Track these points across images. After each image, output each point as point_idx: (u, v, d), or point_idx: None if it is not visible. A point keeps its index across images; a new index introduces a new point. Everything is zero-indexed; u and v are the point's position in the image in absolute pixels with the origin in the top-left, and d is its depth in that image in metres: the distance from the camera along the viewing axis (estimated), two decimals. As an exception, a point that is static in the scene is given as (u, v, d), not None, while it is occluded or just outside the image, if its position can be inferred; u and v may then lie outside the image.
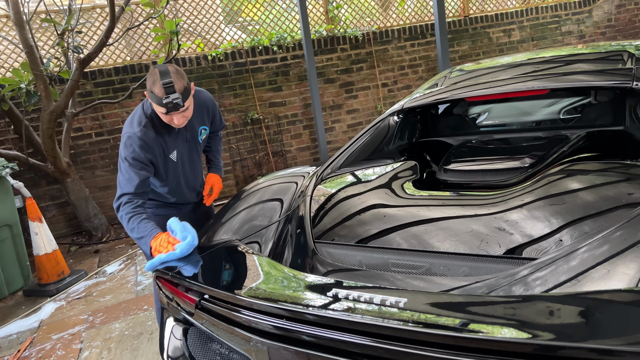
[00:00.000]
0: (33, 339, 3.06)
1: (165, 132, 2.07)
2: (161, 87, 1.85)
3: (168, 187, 2.23)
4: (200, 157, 2.34)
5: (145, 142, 1.98)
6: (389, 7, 6.44)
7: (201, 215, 2.43)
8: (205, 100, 2.25)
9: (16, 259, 3.87)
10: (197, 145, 2.26)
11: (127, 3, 4.40)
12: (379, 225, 1.54)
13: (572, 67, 2.10)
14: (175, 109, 1.89)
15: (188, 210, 2.41)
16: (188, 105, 1.95)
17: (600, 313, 0.95)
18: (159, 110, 1.93)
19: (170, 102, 1.86)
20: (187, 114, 1.99)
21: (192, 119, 2.17)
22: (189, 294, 1.47)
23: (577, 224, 1.28)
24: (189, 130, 2.17)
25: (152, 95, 1.89)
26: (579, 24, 7.06)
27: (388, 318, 1.04)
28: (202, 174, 2.42)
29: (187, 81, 1.95)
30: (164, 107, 1.88)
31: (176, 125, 1.99)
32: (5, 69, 4.89)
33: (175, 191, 2.28)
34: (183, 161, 2.21)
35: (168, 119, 1.96)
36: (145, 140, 1.98)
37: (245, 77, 5.67)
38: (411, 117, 2.45)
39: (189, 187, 2.33)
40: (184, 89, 1.90)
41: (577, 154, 1.72)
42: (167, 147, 2.09)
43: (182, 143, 2.17)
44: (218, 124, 2.43)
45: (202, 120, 2.24)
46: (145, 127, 2.01)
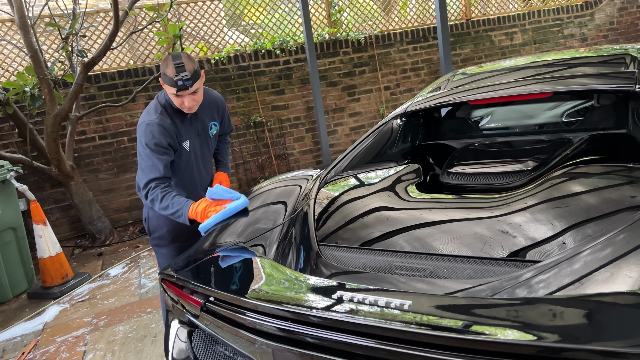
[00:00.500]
0: (37, 341, 3.07)
1: (178, 120, 2.16)
2: (173, 67, 1.98)
3: (180, 180, 2.28)
4: (211, 154, 2.42)
5: (163, 127, 2.09)
6: (391, 11, 6.46)
7: None
8: (215, 98, 2.36)
9: (20, 262, 3.88)
10: (208, 140, 2.33)
11: (130, 7, 4.42)
12: (383, 228, 1.55)
13: (575, 71, 2.11)
14: (185, 87, 1.99)
15: None
16: (197, 87, 2.04)
17: (604, 315, 0.96)
18: (171, 92, 2.03)
19: (181, 79, 1.97)
20: (197, 97, 2.08)
21: (202, 113, 2.26)
22: (194, 297, 1.48)
23: (581, 226, 1.28)
24: (200, 122, 2.25)
25: (165, 77, 2.01)
26: (581, 27, 7.06)
27: (392, 320, 1.05)
28: (212, 172, 2.48)
29: (198, 66, 2.05)
30: (175, 86, 1.99)
31: (187, 108, 2.08)
32: (10, 72, 4.92)
33: (187, 186, 2.31)
34: (195, 154, 2.27)
35: (179, 102, 2.06)
36: (163, 125, 2.09)
37: (248, 81, 5.68)
38: (414, 120, 2.46)
39: (201, 183, 2.37)
40: (194, 70, 2.01)
41: (580, 157, 1.72)
42: (180, 136, 2.17)
43: (194, 135, 2.24)
44: (227, 126, 2.50)
45: (212, 116, 2.33)
46: (162, 114, 2.12)
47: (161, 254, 2.39)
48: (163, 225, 2.30)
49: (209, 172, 2.42)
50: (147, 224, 2.36)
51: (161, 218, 2.28)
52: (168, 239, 2.33)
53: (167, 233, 2.31)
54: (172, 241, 2.33)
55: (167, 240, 2.33)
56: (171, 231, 2.30)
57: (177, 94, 2.02)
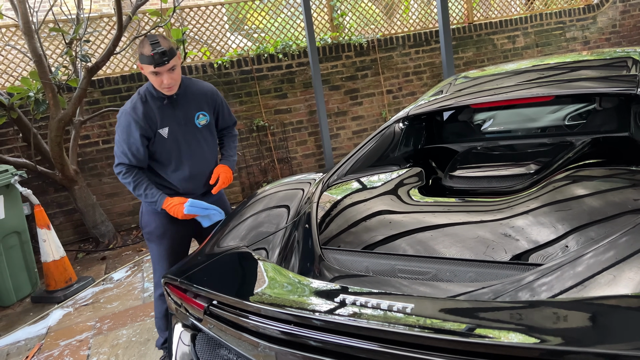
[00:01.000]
0: (41, 345, 3.08)
1: (156, 107, 2.22)
2: (149, 45, 2.06)
3: (169, 170, 2.30)
4: (209, 145, 2.40)
5: (133, 115, 2.18)
6: (393, 15, 6.47)
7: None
8: (204, 88, 2.38)
9: (24, 266, 3.90)
10: (195, 130, 2.32)
11: (134, 12, 4.45)
12: (385, 232, 1.55)
13: (577, 74, 2.11)
14: (163, 62, 2.05)
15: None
16: (175, 64, 2.12)
17: (607, 318, 0.96)
18: (149, 70, 2.09)
19: (157, 52, 2.03)
20: (175, 76, 2.14)
21: (185, 102, 2.29)
22: (198, 300, 1.49)
23: (583, 230, 1.28)
24: (182, 110, 2.27)
25: (142, 57, 2.07)
26: (583, 30, 7.06)
27: (395, 323, 1.05)
28: (214, 165, 2.45)
29: (173, 47, 2.14)
30: (152, 62, 2.05)
31: (166, 88, 2.14)
32: (14, 77, 4.95)
33: (180, 177, 2.32)
34: (177, 142, 2.27)
35: (159, 82, 2.12)
36: (133, 113, 2.19)
37: (251, 85, 5.70)
38: (416, 124, 2.46)
39: (196, 175, 2.36)
40: (169, 47, 2.09)
41: (582, 160, 1.73)
42: (157, 122, 2.22)
43: (175, 123, 2.26)
44: (227, 118, 2.51)
45: (199, 106, 2.33)
46: (135, 102, 2.21)
47: (151, 248, 2.46)
48: (152, 222, 2.37)
49: (208, 165, 2.40)
50: (140, 218, 2.45)
51: (152, 214, 2.35)
52: (156, 234, 2.38)
53: (156, 229, 2.37)
54: (160, 237, 2.39)
55: (154, 235, 2.39)
56: (159, 227, 2.36)
57: (155, 69, 2.06)
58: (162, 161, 2.30)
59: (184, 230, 2.41)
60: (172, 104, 2.26)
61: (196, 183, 2.38)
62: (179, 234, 2.41)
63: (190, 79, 2.38)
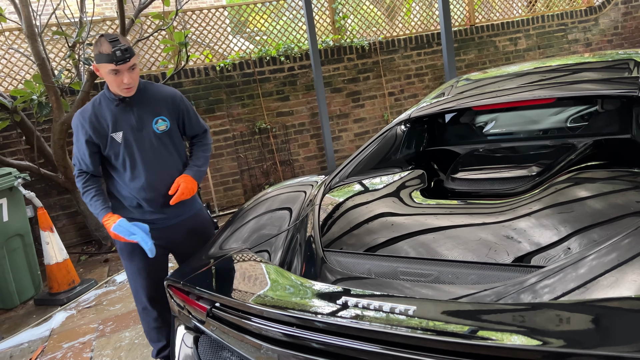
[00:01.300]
0: (44, 347, 3.08)
1: (109, 110, 2.12)
2: (108, 43, 1.96)
3: (126, 178, 2.15)
4: (169, 153, 2.21)
5: (80, 118, 2.10)
6: (395, 17, 6.48)
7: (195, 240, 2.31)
8: (164, 92, 2.24)
9: (27, 268, 3.91)
10: (153, 136, 2.16)
11: (136, 15, 4.46)
12: (388, 234, 1.55)
13: (579, 76, 2.11)
14: (124, 59, 1.96)
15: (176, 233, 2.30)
16: (135, 63, 2.03)
17: (609, 320, 0.96)
18: (108, 69, 1.98)
19: (119, 49, 1.95)
20: (135, 76, 2.05)
21: (142, 106, 2.15)
22: (200, 302, 1.49)
23: (585, 231, 1.28)
24: (136, 115, 2.13)
25: (101, 56, 1.97)
26: (585, 32, 7.06)
27: (397, 325, 1.05)
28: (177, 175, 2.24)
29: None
30: (113, 59, 1.95)
31: (126, 89, 2.05)
32: (18, 80, 4.97)
33: (137, 186, 2.15)
34: (130, 147, 2.12)
35: (118, 82, 2.02)
36: (80, 116, 2.10)
37: (253, 87, 5.71)
38: (418, 126, 2.47)
39: (153, 185, 2.16)
40: (129, 45, 2.01)
41: (584, 162, 1.73)
42: (108, 126, 2.11)
43: (129, 127, 2.12)
44: (195, 126, 2.34)
45: (157, 111, 2.19)
46: (87, 105, 2.14)
47: (124, 265, 2.34)
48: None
49: (170, 174, 2.20)
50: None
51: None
52: (126, 250, 2.24)
53: (125, 245, 2.22)
54: (130, 254, 2.25)
55: (125, 252, 2.26)
56: (128, 243, 2.17)
57: (116, 67, 1.96)
58: (118, 168, 2.16)
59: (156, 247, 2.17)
60: (126, 107, 2.13)
61: (154, 193, 2.18)
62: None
63: (151, 83, 2.24)
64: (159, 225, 2.24)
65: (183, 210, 2.30)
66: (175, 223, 2.29)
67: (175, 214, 2.28)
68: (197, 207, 2.39)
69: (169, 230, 2.28)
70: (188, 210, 2.33)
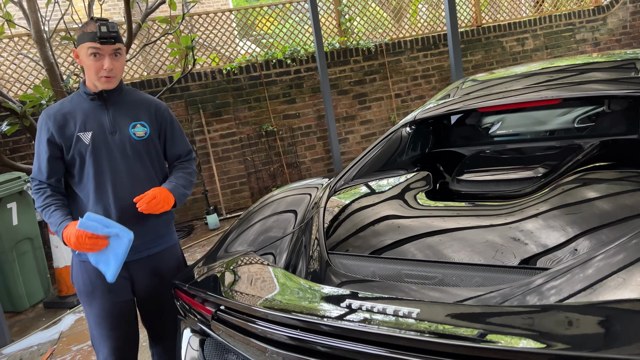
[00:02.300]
0: (53, 350, 3.10)
1: (80, 106, 1.79)
2: (94, 23, 1.71)
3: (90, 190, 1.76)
4: (143, 164, 1.85)
5: (44, 116, 1.78)
6: (402, 19, 6.48)
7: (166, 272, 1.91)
8: (148, 99, 1.94)
9: (37, 272, 3.94)
10: (128, 142, 1.81)
11: (144, 19, 4.49)
12: (393, 236, 1.55)
13: (586, 76, 2.09)
14: (108, 36, 1.69)
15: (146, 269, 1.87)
16: (120, 47, 1.74)
17: (617, 322, 0.95)
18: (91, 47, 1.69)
19: (105, 25, 1.69)
20: (118, 64, 1.76)
21: (120, 106, 1.84)
22: (206, 305, 1.49)
23: (592, 233, 1.27)
24: (111, 117, 1.80)
25: (84, 35, 1.70)
26: (593, 31, 7.01)
27: (402, 328, 1.05)
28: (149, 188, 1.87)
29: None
30: (97, 36, 1.68)
31: (106, 74, 1.72)
32: (27, 85, 5.03)
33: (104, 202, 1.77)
34: (101, 152, 1.77)
35: (98, 67, 1.72)
36: (46, 112, 1.78)
37: (260, 90, 5.73)
38: (424, 128, 2.46)
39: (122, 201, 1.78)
40: (117, 29, 1.75)
41: (591, 163, 1.71)
42: (76, 124, 1.77)
43: (100, 128, 1.78)
44: (179, 143, 1.98)
45: (136, 115, 1.86)
46: (66, 99, 1.83)
47: (85, 312, 1.87)
48: (79, 277, 1.83)
49: (144, 189, 1.80)
50: (72, 272, 1.88)
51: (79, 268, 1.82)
52: (84, 292, 1.83)
53: (84, 286, 1.82)
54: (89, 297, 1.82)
55: (83, 294, 1.83)
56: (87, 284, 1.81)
57: (99, 46, 1.68)
58: (82, 179, 1.77)
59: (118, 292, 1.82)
60: (101, 105, 1.80)
61: (121, 213, 1.77)
62: (110, 296, 1.81)
63: (135, 90, 1.94)
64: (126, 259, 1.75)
65: (156, 242, 1.89)
66: (142, 258, 1.85)
67: (146, 245, 1.85)
68: (174, 239, 1.98)
69: (135, 266, 1.84)
70: (163, 242, 1.91)
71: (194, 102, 5.50)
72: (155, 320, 1.97)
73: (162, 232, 1.90)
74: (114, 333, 1.84)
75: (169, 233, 1.95)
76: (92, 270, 1.77)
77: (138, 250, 1.82)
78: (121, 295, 1.84)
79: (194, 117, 5.52)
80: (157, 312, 1.94)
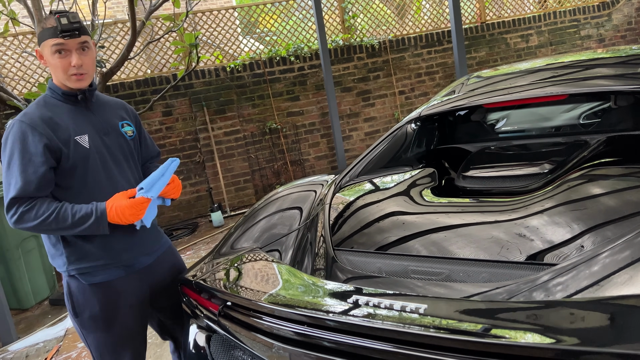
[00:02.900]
0: (59, 347, 3.12)
1: (67, 110, 1.62)
2: (53, 17, 1.52)
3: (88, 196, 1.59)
4: (135, 166, 1.78)
5: (29, 122, 1.53)
6: (405, 15, 6.46)
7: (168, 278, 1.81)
8: (116, 99, 1.85)
9: (42, 269, 3.96)
10: (123, 141, 1.72)
11: (147, 17, 4.50)
12: (398, 233, 1.55)
13: (592, 72, 2.08)
14: (71, 27, 1.51)
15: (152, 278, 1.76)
16: (87, 40, 1.56)
17: (623, 318, 0.95)
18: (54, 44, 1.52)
19: (65, 17, 1.51)
20: (87, 59, 1.58)
21: (103, 110, 1.72)
22: (212, 301, 1.50)
23: (598, 229, 1.27)
24: (100, 117, 1.68)
25: (44, 32, 1.53)
26: (598, 27, 6.98)
27: (408, 324, 1.05)
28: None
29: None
30: (59, 30, 1.50)
31: (75, 71, 1.55)
32: (31, 84, 5.04)
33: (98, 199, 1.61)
34: (101, 154, 1.63)
35: (65, 64, 1.54)
36: (25, 118, 1.54)
37: (263, 88, 5.73)
38: (429, 125, 2.46)
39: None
40: (81, 21, 1.56)
41: (597, 159, 1.71)
42: (67, 128, 1.58)
43: (94, 130, 1.64)
44: (150, 145, 1.90)
45: (119, 115, 1.76)
46: (26, 110, 1.57)
47: (94, 341, 1.68)
48: (92, 303, 1.62)
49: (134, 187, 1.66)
50: (70, 301, 1.65)
51: (89, 292, 1.62)
52: (102, 319, 1.63)
53: (101, 312, 1.62)
54: (111, 323, 1.65)
55: (100, 321, 1.64)
56: (105, 309, 1.63)
57: (62, 40, 1.51)
58: (84, 184, 1.59)
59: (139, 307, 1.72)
60: (84, 107, 1.65)
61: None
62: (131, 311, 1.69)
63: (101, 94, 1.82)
64: (136, 267, 1.70)
65: (161, 240, 1.82)
66: (154, 261, 1.76)
67: (153, 247, 1.76)
68: (169, 241, 1.89)
69: (149, 272, 1.74)
70: (165, 241, 1.85)
71: (197, 100, 5.51)
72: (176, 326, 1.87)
73: (161, 231, 1.86)
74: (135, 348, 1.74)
75: (163, 233, 1.88)
76: (110, 291, 1.63)
77: (149, 252, 1.74)
78: (145, 308, 1.76)
79: (198, 114, 5.53)
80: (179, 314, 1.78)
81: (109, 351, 1.69)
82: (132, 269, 1.69)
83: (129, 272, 1.68)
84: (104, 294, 1.63)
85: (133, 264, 1.69)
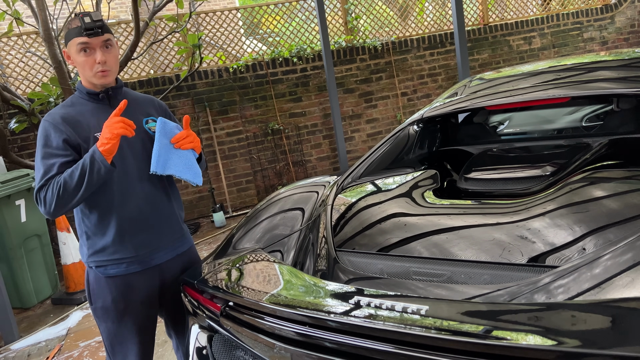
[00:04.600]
0: (61, 346, 3.13)
1: (87, 107, 1.71)
2: (78, 18, 1.62)
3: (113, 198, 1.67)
4: None
5: (49, 120, 1.65)
6: (408, 17, 6.46)
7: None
8: (145, 95, 1.90)
9: (45, 268, 3.97)
10: (147, 138, 1.75)
11: (151, 18, 4.51)
12: (400, 234, 1.55)
13: (594, 75, 2.08)
14: (95, 26, 1.60)
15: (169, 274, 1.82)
16: (110, 38, 1.66)
17: (625, 321, 0.95)
18: (77, 48, 1.62)
19: (89, 16, 1.60)
20: (111, 57, 1.67)
21: (131, 106, 1.75)
22: (214, 302, 1.50)
23: (600, 231, 1.27)
24: (124, 112, 1.68)
25: (70, 32, 1.63)
26: (601, 30, 6.97)
27: (410, 325, 1.05)
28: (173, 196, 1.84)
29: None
30: (83, 30, 1.59)
31: (100, 69, 1.64)
32: (35, 83, 5.06)
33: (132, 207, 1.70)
34: (125, 153, 1.69)
35: (90, 62, 1.63)
36: (50, 118, 1.65)
37: (266, 89, 5.74)
38: (431, 126, 2.46)
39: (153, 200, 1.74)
40: (104, 20, 1.66)
41: (599, 162, 1.71)
42: (89, 124, 1.67)
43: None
44: None
45: (146, 112, 1.81)
46: (64, 104, 1.71)
47: (105, 331, 1.78)
48: (106, 293, 1.71)
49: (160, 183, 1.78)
50: (88, 289, 1.76)
51: (105, 283, 1.71)
52: (114, 312, 1.72)
53: (113, 303, 1.71)
54: (121, 315, 1.73)
55: (113, 313, 1.72)
56: (118, 299, 1.71)
57: (87, 39, 1.60)
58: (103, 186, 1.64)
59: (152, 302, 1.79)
60: (110, 100, 1.72)
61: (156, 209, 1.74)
62: (142, 308, 1.77)
63: (129, 89, 1.88)
64: (152, 263, 1.75)
65: (183, 239, 1.87)
66: (170, 259, 1.81)
67: (170, 243, 1.80)
68: (192, 240, 1.95)
69: (166, 269, 1.80)
70: (187, 240, 1.90)
71: (200, 101, 5.52)
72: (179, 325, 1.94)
73: (185, 230, 1.89)
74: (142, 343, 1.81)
75: (188, 232, 1.93)
76: (123, 284, 1.71)
77: (167, 249, 1.79)
78: (154, 304, 1.81)
79: (201, 115, 5.54)
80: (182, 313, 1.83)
81: (118, 342, 1.77)
82: (148, 264, 1.74)
83: (145, 267, 1.74)
84: (117, 287, 1.71)
85: (149, 259, 1.74)
